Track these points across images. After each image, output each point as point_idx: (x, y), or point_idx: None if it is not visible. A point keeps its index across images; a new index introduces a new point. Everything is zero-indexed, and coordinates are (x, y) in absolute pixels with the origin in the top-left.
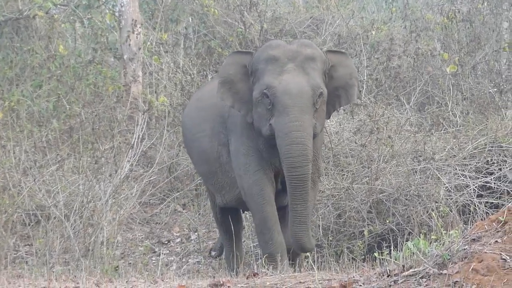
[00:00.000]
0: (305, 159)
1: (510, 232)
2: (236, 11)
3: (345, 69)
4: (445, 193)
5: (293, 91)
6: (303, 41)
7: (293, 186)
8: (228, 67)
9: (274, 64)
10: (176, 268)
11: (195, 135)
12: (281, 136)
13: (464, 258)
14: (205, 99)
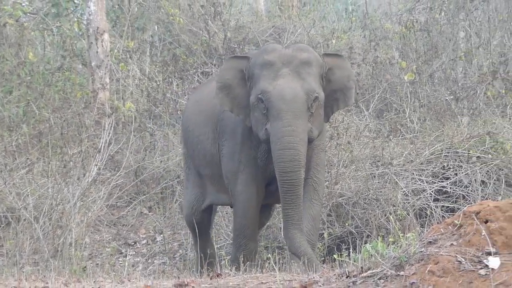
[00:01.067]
0: (296, 165)
1: (465, 235)
2: (201, 20)
3: (343, 71)
4: (402, 197)
5: (287, 96)
6: (299, 45)
7: (284, 190)
8: (225, 72)
9: (269, 69)
10: (142, 269)
11: (199, 137)
12: (274, 141)
13: (420, 260)
14: (203, 101)
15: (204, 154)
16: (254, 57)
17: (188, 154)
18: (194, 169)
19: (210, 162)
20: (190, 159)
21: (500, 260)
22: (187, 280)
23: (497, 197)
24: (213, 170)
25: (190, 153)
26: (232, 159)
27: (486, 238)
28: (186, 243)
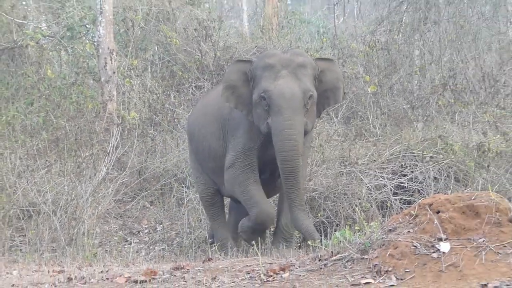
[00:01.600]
0: (295, 153)
1: (420, 224)
2: (194, 42)
3: (333, 73)
4: (366, 191)
5: (286, 94)
6: (296, 51)
7: (285, 176)
8: (231, 74)
9: (270, 71)
10: (144, 254)
11: (205, 135)
12: (276, 133)
13: (382, 245)
14: (211, 104)
15: (208, 150)
16: (256, 60)
17: (193, 150)
18: (198, 163)
19: (214, 156)
20: (195, 155)
21: (450, 245)
22: (183, 264)
23: (447, 191)
24: (216, 163)
25: (194, 149)
26: (234, 150)
27: (438, 226)
28: (182, 232)
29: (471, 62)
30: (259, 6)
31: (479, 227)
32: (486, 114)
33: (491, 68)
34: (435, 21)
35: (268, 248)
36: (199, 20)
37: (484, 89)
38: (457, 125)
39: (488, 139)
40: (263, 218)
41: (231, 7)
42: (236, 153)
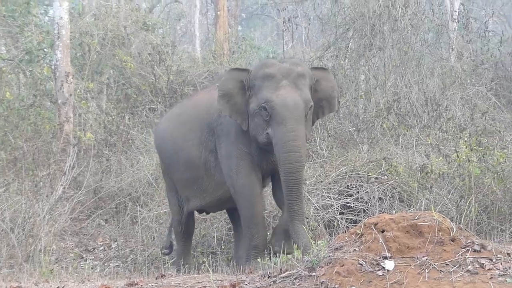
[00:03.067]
0: (300, 165)
1: (365, 242)
2: (148, 66)
3: (328, 83)
4: (314, 211)
5: (289, 104)
6: (294, 60)
7: (289, 189)
8: (227, 82)
9: (271, 80)
10: (99, 271)
11: (181, 145)
12: (280, 144)
13: (329, 263)
14: (187, 113)
15: (185, 159)
16: (254, 70)
17: (165, 163)
18: (170, 179)
19: (191, 165)
20: (166, 168)
21: (394, 263)
22: (137, 280)
23: (391, 211)
24: (193, 173)
25: (166, 162)
26: (229, 157)
27: (383, 245)
28: (136, 249)
29: (414, 86)
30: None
31: (423, 246)
32: (429, 137)
33: (433, 93)
34: (380, 47)
35: (219, 265)
36: (153, 45)
37: (427, 112)
38: (401, 148)
39: (431, 161)
40: (258, 241)
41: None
42: (232, 159)
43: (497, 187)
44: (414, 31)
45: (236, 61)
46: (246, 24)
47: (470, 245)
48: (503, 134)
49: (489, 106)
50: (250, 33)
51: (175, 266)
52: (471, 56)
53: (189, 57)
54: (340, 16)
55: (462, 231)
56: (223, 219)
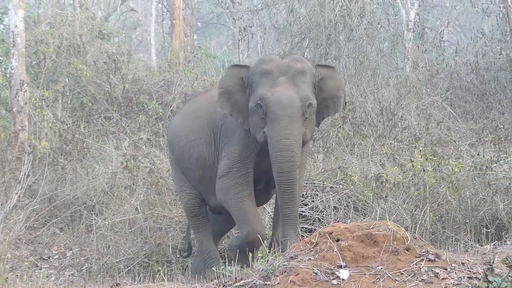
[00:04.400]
0: (292, 165)
1: (320, 252)
2: (104, 74)
3: (334, 82)
4: (269, 219)
5: (284, 102)
6: (295, 57)
7: (281, 189)
8: (227, 79)
9: (268, 77)
10: (54, 279)
11: (193, 141)
12: (272, 143)
13: (284, 272)
14: (201, 109)
15: (197, 157)
16: (254, 66)
17: (176, 158)
18: (181, 172)
19: (203, 164)
20: (177, 163)
21: (349, 272)
22: None
23: (347, 220)
24: (205, 172)
25: (178, 157)
26: (229, 157)
27: (338, 254)
28: (91, 258)
29: (370, 96)
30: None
31: (377, 255)
32: (384, 146)
33: (389, 102)
34: (336, 56)
35: (174, 274)
36: (108, 54)
37: (382, 122)
38: (356, 157)
39: (386, 171)
40: (253, 238)
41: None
42: (231, 161)
43: (452, 197)
44: (369, 40)
45: (192, 70)
46: (202, 33)
47: (425, 254)
48: (458, 143)
49: (444, 116)
50: (206, 42)
51: (204, 257)
52: (426, 65)
53: (144, 65)
54: (296, 25)
55: (416, 241)
56: (179, 228)
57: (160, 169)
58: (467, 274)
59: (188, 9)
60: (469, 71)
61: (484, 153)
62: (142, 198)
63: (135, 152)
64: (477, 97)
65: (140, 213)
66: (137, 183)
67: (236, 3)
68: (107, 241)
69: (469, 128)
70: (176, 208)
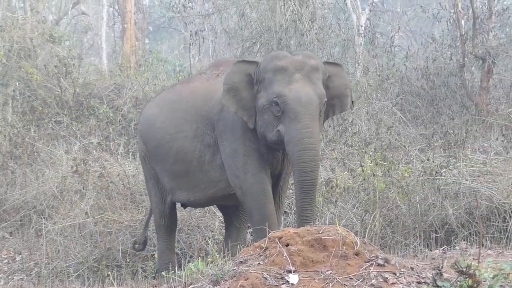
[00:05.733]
0: (316, 164)
1: (270, 256)
2: (54, 78)
3: (341, 80)
4: (219, 224)
5: (303, 99)
6: (306, 53)
7: (304, 190)
8: (233, 75)
9: (283, 74)
10: (3, 284)
11: (174, 135)
12: (293, 142)
13: (233, 276)
14: (183, 101)
15: (176, 151)
16: (264, 62)
17: (148, 151)
18: (152, 171)
19: (183, 159)
20: (151, 158)
21: (299, 277)
22: None
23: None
24: (184, 166)
25: (152, 150)
26: (235, 155)
27: (287, 259)
28: (40, 262)
29: None
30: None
31: (327, 260)
32: (334, 151)
33: None
34: None
35: (124, 279)
36: (59, 57)
37: (333, 127)
38: None
39: (336, 175)
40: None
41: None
42: (238, 157)
43: (402, 202)
44: (320, 45)
45: (143, 74)
46: (153, 37)
47: (374, 259)
48: (408, 148)
49: (394, 121)
50: (157, 46)
51: (160, 265)
52: (377, 71)
53: (95, 69)
54: (247, 30)
55: (366, 245)
56: (128, 232)
57: (111, 173)
58: (416, 279)
59: (139, 13)
60: (419, 76)
61: (434, 158)
62: (92, 202)
63: (85, 156)
64: (427, 102)
65: (90, 218)
66: (87, 187)
67: (187, 7)
68: (57, 245)
69: (419, 133)
70: (126, 213)
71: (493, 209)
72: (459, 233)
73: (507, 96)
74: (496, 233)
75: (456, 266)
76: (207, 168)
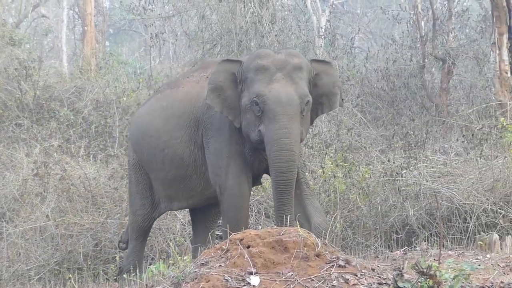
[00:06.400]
0: (292, 165)
1: (231, 258)
2: (15, 81)
3: (329, 77)
4: (180, 226)
5: (282, 99)
6: (290, 51)
7: (279, 190)
8: (218, 74)
9: (264, 73)
10: None
11: (167, 142)
12: (271, 142)
13: (195, 278)
14: (175, 107)
15: (172, 157)
16: (247, 61)
17: (142, 160)
18: (144, 177)
19: (178, 164)
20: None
21: (260, 278)
22: None
23: (258, 227)
24: (179, 172)
25: (146, 158)
26: (219, 155)
27: (248, 261)
28: (1, 266)
29: None
30: (78, 47)
31: (288, 261)
32: None
33: None
34: None
35: (85, 281)
36: (19, 60)
37: None
38: None
39: None
40: None
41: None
42: (222, 157)
43: (362, 203)
44: (281, 47)
45: (103, 77)
46: (114, 40)
47: (335, 260)
48: (368, 150)
49: (354, 122)
50: (117, 48)
51: (127, 265)
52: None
53: (56, 72)
54: (207, 32)
55: (327, 247)
56: (89, 235)
57: (71, 176)
58: (377, 280)
59: (99, 15)
60: (379, 78)
61: (395, 160)
62: (53, 205)
63: (46, 159)
64: (387, 103)
65: (51, 220)
66: (48, 190)
67: (147, 9)
68: (18, 248)
69: (379, 135)
70: (87, 215)
71: (453, 209)
72: (420, 234)
73: (467, 97)
74: (457, 233)
75: (416, 267)
76: (202, 170)
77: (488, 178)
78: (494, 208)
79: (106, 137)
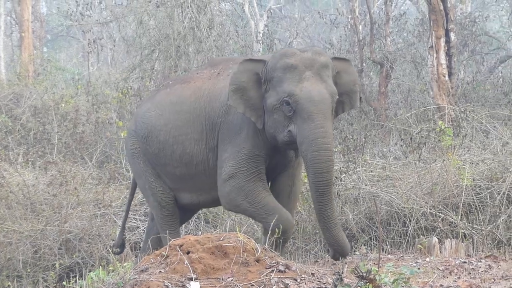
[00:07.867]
0: (331, 165)
1: (171, 264)
2: None
3: (349, 76)
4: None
5: (315, 98)
6: (316, 49)
7: (320, 191)
8: (240, 74)
9: (293, 72)
10: None
11: (177, 137)
12: (307, 142)
13: (135, 285)
14: (186, 103)
15: (181, 154)
16: (272, 60)
17: (149, 153)
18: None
19: (187, 162)
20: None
21: (200, 284)
22: None
23: (197, 232)
24: (188, 169)
25: (154, 152)
26: (235, 157)
27: (188, 266)
28: None
29: None
30: (15, 54)
31: (228, 266)
32: None
33: None
34: (185, 68)
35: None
36: None
37: None
38: None
39: None
40: (285, 226)
41: None
42: (238, 161)
43: (302, 207)
44: (219, 52)
45: (41, 83)
46: (52, 46)
47: (275, 265)
48: None
49: None
50: (55, 54)
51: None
52: None
53: None
54: (145, 37)
55: (267, 252)
56: (29, 242)
57: (10, 183)
58: (317, 284)
59: (37, 21)
60: None
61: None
62: None
63: None
64: None
65: None
66: None
67: (85, 15)
68: None
69: None
70: (27, 223)
71: (393, 213)
72: (359, 238)
73: (405, 101)
74: (396, 237)
75: (356, 271)
76: (211, 173)
77: (427, 182)
78: (433, 211)
79: (44, 143)
